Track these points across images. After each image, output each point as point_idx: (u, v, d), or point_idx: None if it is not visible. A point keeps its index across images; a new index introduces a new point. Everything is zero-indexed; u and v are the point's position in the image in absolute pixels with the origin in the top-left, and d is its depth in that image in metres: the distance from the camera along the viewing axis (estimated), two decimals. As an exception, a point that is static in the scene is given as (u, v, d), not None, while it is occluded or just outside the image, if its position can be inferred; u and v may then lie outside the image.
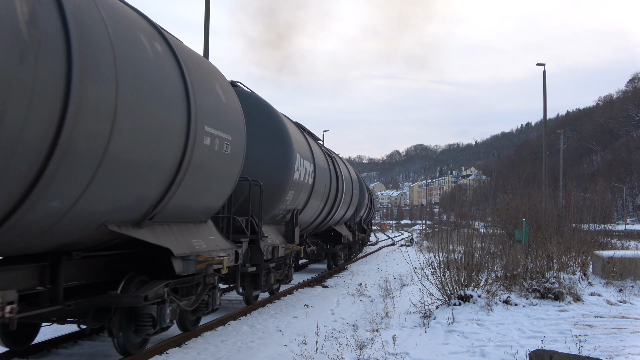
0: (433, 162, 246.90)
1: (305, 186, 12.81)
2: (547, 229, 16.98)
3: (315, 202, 14.50)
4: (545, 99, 30.34)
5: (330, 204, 16.87)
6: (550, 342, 7.36)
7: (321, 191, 14.97)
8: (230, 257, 8.34)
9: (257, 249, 10.26)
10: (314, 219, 15.62)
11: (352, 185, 20.87)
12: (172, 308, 6.99)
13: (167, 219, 6.94)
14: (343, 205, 19.10)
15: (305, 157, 12.82)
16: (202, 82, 7.27)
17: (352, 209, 22.11)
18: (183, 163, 6.42)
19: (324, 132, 46.07)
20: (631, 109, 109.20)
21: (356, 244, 26.32)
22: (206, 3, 16.30)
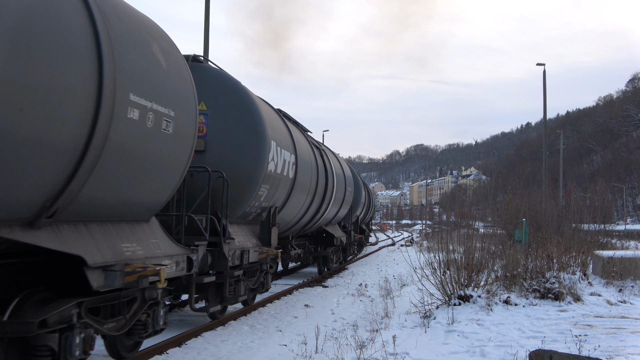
0: (433, 162, 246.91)
1: (284, 180, 11.03)
2: (547, 229, 16.98)
3: (298, 199, 12.74)
4: (545, 99, 30.37)
5: (319, 202, 15.01)
6: (550, 342, 7.36)
7: (306, 186, 13.11)
8: (179, 265, 6.79)
9: (220, 254, 8.55)
10: (299, 218, 13.80)
11: (345, 181, 18.85)
12: (85, 335, 5.22)
13: (82, 216, 5.30)
14: (335, 203, 17.25)
15: (285, 146, 11.02)
16: (129, 37, 5.56)
17: (346, 208, 20.17)
18: (93, 141, 4.77)
19: (324, 132, 46.16)
20: (631, 109, 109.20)
21: (352, 245, 24.57)
22: (206, 3, 16.31)
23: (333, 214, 17.94)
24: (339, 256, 20.84)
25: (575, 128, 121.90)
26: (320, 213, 15.63)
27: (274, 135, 10.16)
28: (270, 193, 10.38)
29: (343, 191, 18.33)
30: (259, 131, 9.52)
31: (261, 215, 10.63)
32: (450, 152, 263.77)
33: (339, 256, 20.84)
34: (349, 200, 20.13)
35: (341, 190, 17.96)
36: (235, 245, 9.03)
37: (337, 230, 19.38)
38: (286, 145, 11.21)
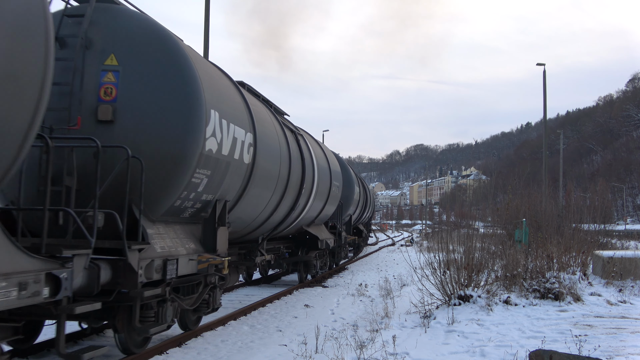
0: (433, 162, 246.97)
1: (236, 165, 8.20)
2: (547, 229, 17.00)
3: (261, 192, 9.82)
4: (545, 99, 30.34)
5: (293, 197, 11.88)
6: (550, 342, 7.36)
7: (272, 175, 10.18)
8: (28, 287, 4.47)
9: (126, 266, 6.03)
10: (266, 216, 10.72)
11: (330, 174, 15.90)
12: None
13: None
14: (317, 200, 14.30)
15: (235, 121, 8.22)
16: None
17: (333, 205, 17.09)
18: None
19: (324, 132, 46.05)
20: (631, 109, 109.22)
21: (343, 248, 21.86)
22: (206, 3, 16.30)
23: (315, 212, 14.99)
24: (325, 261, 17.79)
25: (575, 128, 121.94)
26: (297, 211, 12.63)
27: (216, 103, 7.49)
28: (213, 181, 7.66)
29: (328, 185, 15.49)
30: (191, 94, 6.78)
31: (204, 212, 7.95)
32: (450, 152, 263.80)
33: (325, 261, 17.79)
34: (336, 196, 17.11)
35: (325, 184, 15.10)
36: (154, 252, 6.49)
37: (322, 232, 16.61)
38: (238, 119, 8.45)
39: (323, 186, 14.82)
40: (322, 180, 14.58)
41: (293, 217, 12.74)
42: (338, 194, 17.51)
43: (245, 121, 8.76)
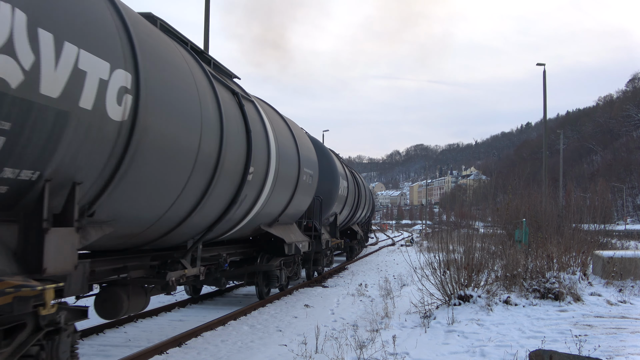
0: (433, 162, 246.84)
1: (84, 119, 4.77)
2: (547, 229, 16.99)
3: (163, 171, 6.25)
4: (545, 99, 30.35)
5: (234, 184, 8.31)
6: (550, 342, 7.36)
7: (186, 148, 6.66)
8: None
9: None
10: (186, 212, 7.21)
11: (298, 158, 12.16)
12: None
13: None
14: (279, 191, 10.76)
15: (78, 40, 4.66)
16: None
17: (305, 199, 13.32)
18: None
19: (324, 132, 46.07)
20: (631, 109, 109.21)
21: (324, 255, 17.67)
22: (206, 3, 16.30)
23: (278, 207, 11.53)
24: (295, 270, 13.98)
25: (575, 128, 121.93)
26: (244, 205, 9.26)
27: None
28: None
29: (295, 173, 11.99)
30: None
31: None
32: (450, 152, 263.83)
33: (295, 270, 13.98)
34: (308, 187, 13.31)
35: (290, 170, 11.62)
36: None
37: (291, 233, 13.03)
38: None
39: (287, 173, 11.26)
40: (285, 164, 10.99)
41: (239, 214, 9.23)
42: (312, 184, 13.71)
43: (111, 48, 5.21)
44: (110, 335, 8.59)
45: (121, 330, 8.93)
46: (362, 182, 27.58)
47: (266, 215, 11.01)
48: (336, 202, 18.39)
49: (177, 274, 7.68)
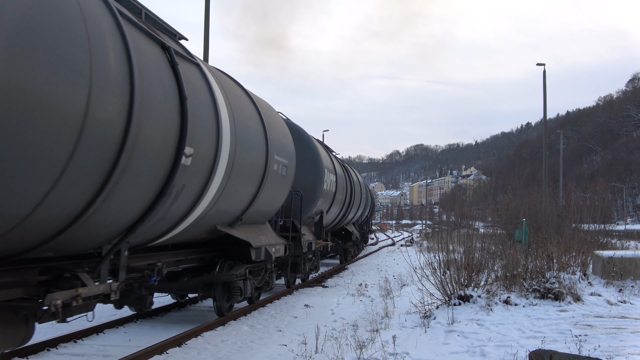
0: (433, 162, 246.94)
1: None
2: (547, 229, 16.99)
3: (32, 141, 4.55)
4: (545, 99, 30.35)
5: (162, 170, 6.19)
6: (550, 342, 7.36)
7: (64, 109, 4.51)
8: None
9: None
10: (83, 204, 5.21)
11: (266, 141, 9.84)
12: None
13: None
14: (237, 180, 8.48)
15: None
16: None
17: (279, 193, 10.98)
18: None
19: (324, 132, 46.12)
20: (631, 109, 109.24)
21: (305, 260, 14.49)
22: (206, 3, 16.30)
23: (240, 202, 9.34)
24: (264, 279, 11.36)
25: (575, 128, 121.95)
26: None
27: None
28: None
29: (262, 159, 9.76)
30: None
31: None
32: (450, 152, 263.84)
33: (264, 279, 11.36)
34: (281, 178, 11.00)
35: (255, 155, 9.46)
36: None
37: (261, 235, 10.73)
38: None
39: (249, 159, 9.10)
40: (245, 148, 8.85)
41: (178, 211, 7.11)
42: (287, 176, 11.45)
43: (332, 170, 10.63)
44: (110, 335, 8.59)
45: (121, 331, 8.92)
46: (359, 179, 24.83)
47: (223, 213, 8.79)
48: (321, 199, 15.31)
49: (65, 294, 5.37)
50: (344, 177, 19.52)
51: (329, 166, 16.65)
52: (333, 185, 16.97)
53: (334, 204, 17.70)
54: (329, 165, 16.55)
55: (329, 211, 17.36)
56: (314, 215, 16.10)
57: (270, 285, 11.76)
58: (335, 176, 17.36)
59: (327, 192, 16.24)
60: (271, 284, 11.78)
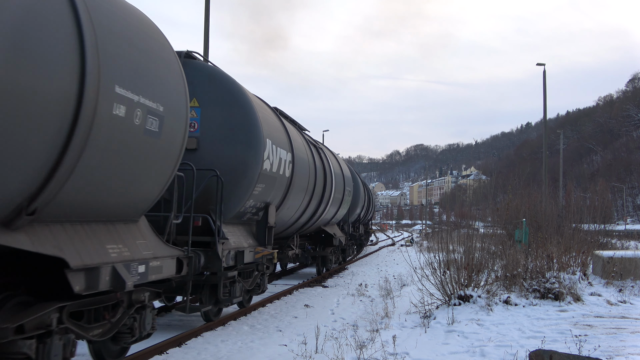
0: (433, 162, 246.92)
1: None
2: (547, 229, 16.98)
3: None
4: (545, 99, 30.35)
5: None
6: (550, 342, 7.36)
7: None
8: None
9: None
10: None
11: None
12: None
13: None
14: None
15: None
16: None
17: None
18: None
19: (324, 132, 46.08)
20: (631, 109, 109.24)
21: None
22: (206, 3, 16.30)
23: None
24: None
25: (575, 128, 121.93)
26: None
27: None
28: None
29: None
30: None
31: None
32: (450, 152, 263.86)
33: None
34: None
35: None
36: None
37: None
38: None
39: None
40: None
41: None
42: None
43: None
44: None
45: None
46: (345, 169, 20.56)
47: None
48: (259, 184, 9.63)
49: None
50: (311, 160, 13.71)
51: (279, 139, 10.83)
52: (286, 167, 11.18)
53: (291, 193, 11.84)
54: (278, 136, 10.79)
55: (284, 204, 11.64)
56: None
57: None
58: (291, 155, 11.50)
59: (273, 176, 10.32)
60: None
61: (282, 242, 13.89)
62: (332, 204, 16.39)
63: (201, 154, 8.79)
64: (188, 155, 8.08)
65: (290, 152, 11.21)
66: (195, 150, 8.77)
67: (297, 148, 12.01)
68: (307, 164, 13.20)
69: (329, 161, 16.12)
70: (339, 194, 17.17)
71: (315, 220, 15.28)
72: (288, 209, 12.03)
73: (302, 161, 12.73)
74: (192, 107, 8.73)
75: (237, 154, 9.09)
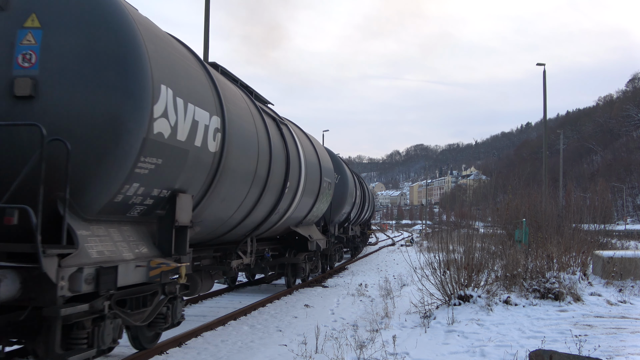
0: (433, 162, 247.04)
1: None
2: (547, 229, 16.98)
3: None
4: (545, 99, 30.33)
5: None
6: (550, 342, 7.36)
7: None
8: None
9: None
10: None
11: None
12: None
13: None
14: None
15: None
16: None
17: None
18: None
19: (324, 132, 46.06)
20: (631, 109, 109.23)
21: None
22: (206, 3, 16.29)
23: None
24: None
25: (575, 128, 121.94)
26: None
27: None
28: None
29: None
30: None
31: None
32: (450, 152, 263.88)
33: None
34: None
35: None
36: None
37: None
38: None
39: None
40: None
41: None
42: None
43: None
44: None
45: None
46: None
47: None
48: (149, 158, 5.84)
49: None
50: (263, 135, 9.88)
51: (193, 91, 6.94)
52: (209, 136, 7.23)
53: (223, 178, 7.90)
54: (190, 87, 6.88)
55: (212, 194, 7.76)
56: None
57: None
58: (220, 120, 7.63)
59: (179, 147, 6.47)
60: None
61: (227, 249, 10.07)
62: (303, 198, 12.35)
63: (42, 104, 5.09)
64: (19, 106, 5.07)
65: (218, 117, 7.28)
66: (31, 98, 5.09)
67: (232, 112, 8.00)
68: (253, 138, 9.00)
69: (297, 142, 11.97)
70: (312, 185, 13.03)
71: (278, 219, 11.38)
72: (223, 201, 8.09)
73: (244, 133, 8.55)
74: (28, 28, 5.21)
75: (104, 106, 5.25)
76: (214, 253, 9.79)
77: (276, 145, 10.28)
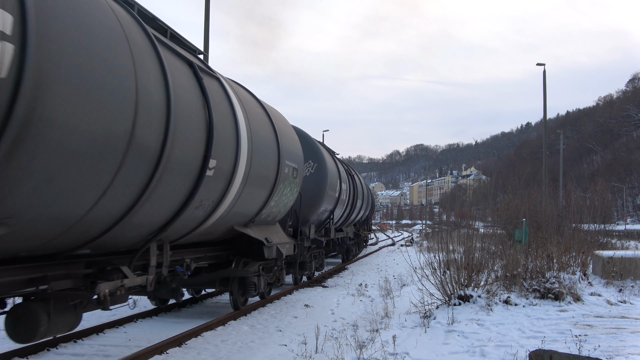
0: (433, 162, 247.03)
1: None
2: (547, 229, 16.99)
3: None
4: (545, 99, 30.33)
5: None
6: (550, 342, 7.36)
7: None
8: None
9: None
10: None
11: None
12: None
13: None
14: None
15: None
16: None
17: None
18: None
19: (323, 132, 46.05)
20: (631, 109, 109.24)
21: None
22: (206, 3, 16.29)
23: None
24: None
25: (575, 128, 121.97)
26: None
27: None
28: None
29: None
30: None
31: None
32: (450, 152, 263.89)
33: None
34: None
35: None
36: None
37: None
38: None
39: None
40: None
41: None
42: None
43: None
44: (110, 335, 8.59)
45: (121, 330, 8.93)
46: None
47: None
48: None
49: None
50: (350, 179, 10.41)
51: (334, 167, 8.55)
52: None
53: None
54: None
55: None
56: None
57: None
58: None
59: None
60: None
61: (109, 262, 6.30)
62: (248, 187, 8.65)
63: None
64: None
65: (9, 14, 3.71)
66: None
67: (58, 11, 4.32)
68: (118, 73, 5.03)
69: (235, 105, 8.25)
70: (264, 169, 9.41)
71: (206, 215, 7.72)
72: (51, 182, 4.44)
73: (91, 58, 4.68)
74: None
75: None
76: (84, 269, 6.00)
77: (185, 100, 6.41)
